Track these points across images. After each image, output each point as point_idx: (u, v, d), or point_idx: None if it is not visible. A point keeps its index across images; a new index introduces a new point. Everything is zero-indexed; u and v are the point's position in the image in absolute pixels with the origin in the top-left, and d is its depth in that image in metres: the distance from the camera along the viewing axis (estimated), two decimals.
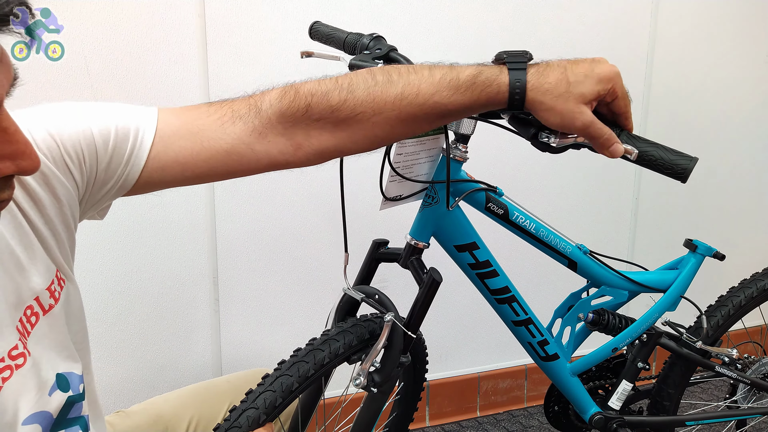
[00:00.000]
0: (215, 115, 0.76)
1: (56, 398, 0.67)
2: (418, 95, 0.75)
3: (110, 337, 1.53)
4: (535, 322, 1.19)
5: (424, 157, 1.02)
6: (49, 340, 0.68)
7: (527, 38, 1.80)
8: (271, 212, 1.59)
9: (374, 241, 1.09)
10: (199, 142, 0.74)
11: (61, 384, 0.69)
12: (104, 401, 1.54)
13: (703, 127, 2.14)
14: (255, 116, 0.76)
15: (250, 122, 0.75)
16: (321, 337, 0.97)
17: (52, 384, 0.67)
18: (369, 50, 1.12)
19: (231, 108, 0.77)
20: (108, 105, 0.73)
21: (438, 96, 0.76)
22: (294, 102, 0.74)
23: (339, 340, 0.97)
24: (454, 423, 1.98)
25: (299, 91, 0.75)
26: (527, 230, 1.13)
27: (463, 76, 0.77)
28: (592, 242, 1.28)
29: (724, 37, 2.10)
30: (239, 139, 0.75)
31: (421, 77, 0.76)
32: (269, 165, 0.78)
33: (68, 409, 0.69)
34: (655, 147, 0.85)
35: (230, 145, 0.75)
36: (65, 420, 0.69)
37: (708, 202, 2.23)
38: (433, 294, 1.00)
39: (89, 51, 1.37)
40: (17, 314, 0.64)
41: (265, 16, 1.52)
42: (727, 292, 1.44)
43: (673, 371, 1.40)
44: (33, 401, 0.65)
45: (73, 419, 0.70)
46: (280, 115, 0.75)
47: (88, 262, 1.47)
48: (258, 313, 1.66)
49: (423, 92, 0.75)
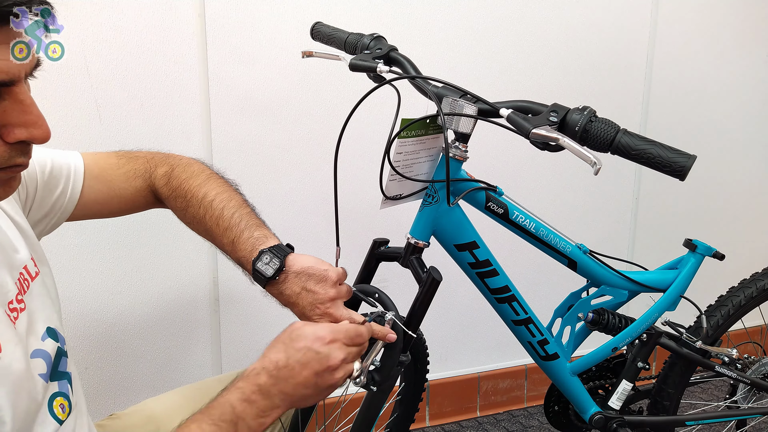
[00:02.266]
0: (122, 169, 1.00)
1: (49, 344, 0.78)
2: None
3: (110, 337, 1.53)
4: (535, 322, 1.19)
5: (424, 156, 1.02)
6: (39, 300, 0.80)
7: (527, 38, 1.80)
8: (271, 212, 1.59)
9: (374, 240, 1.09)
10: (112, 190, 0.99)
11: (51, 334, 0.80)
12: (104, 401, 1.54)
13: (703, 126, 2.15)
14: (148, 178, 1.01)
15: (145, 182, 1.01)
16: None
17: (44, 332, 0.79)
18: (369, 50, 1.12)
19: (134, 167, 1.01)
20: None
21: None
22: (169, 197, 1.01)
23: None
24: (454, 423, 1.98)
25: (176, 189, 0.99)
26: (527, 229, 1.13)
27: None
28: (592, 242, 1.28)
29: (725, 36, 2.10)
30: (138, 192, 1.01)
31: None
32: (156, 207, 1.06)
33: (59, 360, 0.79)
34: (653, 145, 0.86)
35: (132, 195, 1.01)
36: (57, 372, 0.79)
37: (708, 202, 2.23)
38: (433, 293, 1.00)
39: (89, 51, 1.37)
40: (16, 273, 0.76)
41: (265, 16, 1.52)
42: (726, 292, 1.44)
43: (673, 371, 1.40)
44: (33, 341, 0.76)
45: (62, 373, 0.80)
46: (159, 193, 1.02)
47: (88, 262, 1.47)
48: (258, 313, 1.66)
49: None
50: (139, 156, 1.03)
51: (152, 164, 1.02)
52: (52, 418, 0.76)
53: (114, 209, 1.01)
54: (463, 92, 0.99)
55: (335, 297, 0.90)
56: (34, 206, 0.90)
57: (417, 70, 1.07)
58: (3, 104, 0.61)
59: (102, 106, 1.42)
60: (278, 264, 0.90)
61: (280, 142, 1.59)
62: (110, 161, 1.00)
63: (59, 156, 0.93)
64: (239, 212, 0.97)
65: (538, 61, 1.83)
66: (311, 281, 0.90)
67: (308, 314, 0.91)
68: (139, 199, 1.01)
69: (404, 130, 0.96)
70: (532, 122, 0.90)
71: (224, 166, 1.55)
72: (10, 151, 0.63)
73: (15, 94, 0.62)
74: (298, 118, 1.60)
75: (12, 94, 0.61)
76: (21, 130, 0.62)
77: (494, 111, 0.96)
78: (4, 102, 0.61)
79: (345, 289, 0.93)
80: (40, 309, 0.80)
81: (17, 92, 0.62)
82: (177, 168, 1.01)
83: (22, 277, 0.77)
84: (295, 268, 0.91)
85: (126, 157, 1.02)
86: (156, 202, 1.04)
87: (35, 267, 0.82)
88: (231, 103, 1.52)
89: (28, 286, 0.78)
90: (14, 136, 0.62)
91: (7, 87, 0.60)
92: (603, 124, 0.88)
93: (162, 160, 1.03)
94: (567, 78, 1.88)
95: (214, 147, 1.53)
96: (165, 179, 1.01)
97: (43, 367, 0.76)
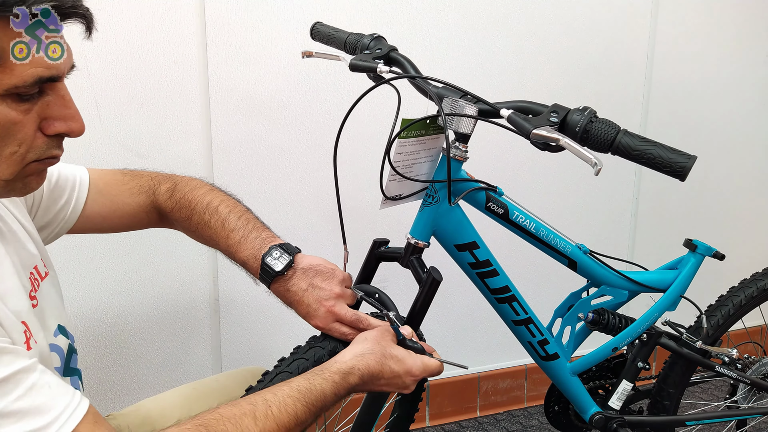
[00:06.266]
0: (127, 185, 1.02)
1: (61, 340, 0.81)
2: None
3: (110, 337, 1.53)
4: (535, 322, 1.19)
5: (424, 157, 1.02)
6: (49, 299, 0.82)
7: (527, 38, 1.80)
8: (271, 212, 1.59)
9: (374, 240, 1.09)
10: (115, 204, 1.00)
11: (62, 331, 0.82)
12: (104, 401, 1.54)
13: (703, 126, 2.14)
14: (152, 194, 1.03)
15: (148, 198, 1.03)
16: (321, 335, 0.97)
17: (55, 329, 0.81)
18: (369, 50, 1.12)
19: (138, 183, 1.03)
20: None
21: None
22: (173, 209, 1.02)
23: (339, 338, 0.96)
24: (454, 423, 1.98)
25: (180, 201, 1.02)
26: (527, 230, 1.13)
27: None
28: (592, 242, 1.28)
29: (724, 36, 2.10)
30: (141, 208, 1.03)
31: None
32: (157, 226, 1.09)
33: (70, 357, 0.82)
34: (654, 146, 0.86)
35: (135, 210, 1.02)
36: (69, 368, 0.82)
37: (708, 202, 2.23)
38: (433, 293, 1.00)
39: (89, 51, 1.37)
40: (27, 271, 0.79)
41: (265, 16, 1.52)
42: (727, 292, 1.44)
43: (673, 371, 1.40)
44: (47, 336, 0.78)
45: (74, 369, 0.83)
46: (162, 207, 1.03)
47: (88, 262, 1.47)
48: (258, 313, 1.66)
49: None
50: (143, 174, 1.06)
51: (155, 181, 1.04)
52: None
53: (116, 224, 1.03)
54: (463, 92, 0.99)
55: (341, 294, 0.92)
56: (38, 213, 0.92)
57: (417, 70, 1.07)
58: (46, 99, 0.66)
59: (102, 106, 1.42)
60: (288, 259, 0.92)
61: (280, 142, 1.59)
62: (115, 177, 1.03)
63: (66, 168, 0.96)
64: (246, 216, 0.99)
65: (538, 61, 1.83)
66: (318, 278, 0.92)
67: (313, 312, 0.92)
68: (141, 215, 1.03)
69: (404, 131, 0.96)
70: (533, 123, 0.90)
71: (224, 166, 1.55)
72: (48, 142, 0.67)
73: (57, 90, 0.66)
74: (298, 118, 1.60)
75: (55, 89, 0.66)
76: (60, 123, 0.67)
77: (494, 111, 0.96)
78: (48, 97, 0.66)
79: (350, 293, 0.95)
80: (51, 307, 0.82)
81: (59, 88, 0.67)
82: (180, 183, 1.04)
83: (32, 276, 0.80)
84: (303, 265, 0.93)
85: (130, 175, 1.05)
86: (158, 220, 1.06)
87: (45, 268, 0.84)
88: (231, 103, 1.52)
89: (38, 285, 0.80)
90: (54, 129, 0.67)
91: (52, 83, 0.65)
92: (603, 124, 0.88)
93: (165, 178, 1.06)
94: (567, 78, 1.88)
95: (214, 147, 1.53)
96: (168, 194, 1.03)
97: (58, 361, 0.79)
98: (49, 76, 0.63)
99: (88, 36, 0.68)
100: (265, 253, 0.93)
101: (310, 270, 0.93)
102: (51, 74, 0.63)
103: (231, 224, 0.98)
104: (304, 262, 0.93)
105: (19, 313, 0.72)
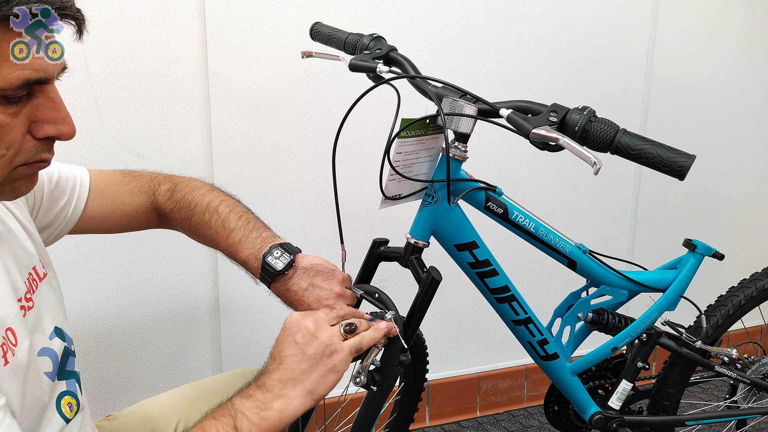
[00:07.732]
0: (127, 186, 1.03)
1: (57, 343, 0.80)
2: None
3: (110, 337, 1.53)
4: (535, 322, 1.19)
5: (423, 156, 1.02)
6: (47, 301, 0.82)
7: (527, 38, 1.80)
8: (271, 212, 1.59)
9: (374, 240, 1.09)
10: (116, 204, 1.01)
11: (59, 334, 0.82)
12: (104, 401, 1.54)
13: (703, 126, 2.15)
14: (152, 195, 1.03)
15: (148, 198, 1.03)
16: None
17: (51, 332, 0.80)
18: (369, 50, 1.12)
19: (138, 184, 1.03)
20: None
21: None
22: (173, 209, 1.02)
23: None
24: (454, 423, 1.98)
25: (180, 201, 1.01)
26: (527, 229, 1.13)
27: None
28: (592, 242, 1.28)
29: (725, 36, 2.10)
30: (141, 208, 1.03)
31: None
32: (157, 227, 1.09)
33: (66, 360, 0.81)
34: (653, 145, 0.86)
35: (135, 211, 1.03)
36: (65, 371, 0.81)
37: (708, 202, 2.23)
38: (432, 293, 1.00)
39: (89, 51, 1.38)
40: (25, 272, 0.78)
41: (265, 16, 1.52)
42: (726, 292, 1.44)
43: (673, 371, 1.40)
44: (40, 339, 0.78)
45: (71, 372, 0.82)
46: (162, 207, 1.03)
47: (88, 262, 1.47)
48: (258, 314, 1.66)
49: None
50: (144, 175, 1.06)
51: (156, 182, 1.05)
52: (60, 416, 0.77)
53: (116, 224, 1.03)
54: (462, 92, 0.99)
55: (341, 294, 0.92)
56: (39, 214, 0.92)
57: (416, 70, 1.07)
58: (36, 101, 0.65)
59: (102, 106, 1.42)
60: (289, 259, 0.92)
61: (280, 142, 1.59)
62: (115, 178, 1.03)
63: (66, 168, 0.96)
64: (246, 216, 0.99)
65: (538, 61, 1.83)
66: (319, 277, 0.92)
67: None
68: (141, 216, 1.04)
69: (404, 130, 0.96)
70: (532, 122, 0.90)
71: (224, 166, 1.55)
72: (38, 146, 0.66)
73: (47, 92, 0.65)
74: (297, 118, 1.60)
75: (44, 92, 0.65)
76: (50, 126, 0.66)
77: (494, 111, 0.96)
78: (37, 99, 0.65)
79: (350, 293, 0.95)
80: (48, 309, 0.81)
81: (49, 90, 0.65)
82: (180, 184, 1.04)
83: (31, 276, 0.79)
84: (304, 264, 0.93)
85: (131, 176, 1.05)
86: (158, 220, 1.07)
87: (43, 269, 0.84)
88: (231, 103, 1.52)
89: (36, 286, 0.80)
90: (43, 132, 0.66)
91: (42, 85, 0.64)
92: (602, 124, 0.88)
93: (165, 179, 1.06)
94: (567, 78, 1.88)
95: (214, 147, 1.53)
96: (168, 194, 1.03)
97: (49, 365, 0.78)
98: (37, 78, 0.62)
99: (79, 38, 0.66)
100: (266, 253, 0.92)
101: (310, 269, 0.93)
102: (39, 76, 0.62)
103: (231, 224, 0.97)
104: (304, 261, 0.93)
105: (5, 318, 0.71)
